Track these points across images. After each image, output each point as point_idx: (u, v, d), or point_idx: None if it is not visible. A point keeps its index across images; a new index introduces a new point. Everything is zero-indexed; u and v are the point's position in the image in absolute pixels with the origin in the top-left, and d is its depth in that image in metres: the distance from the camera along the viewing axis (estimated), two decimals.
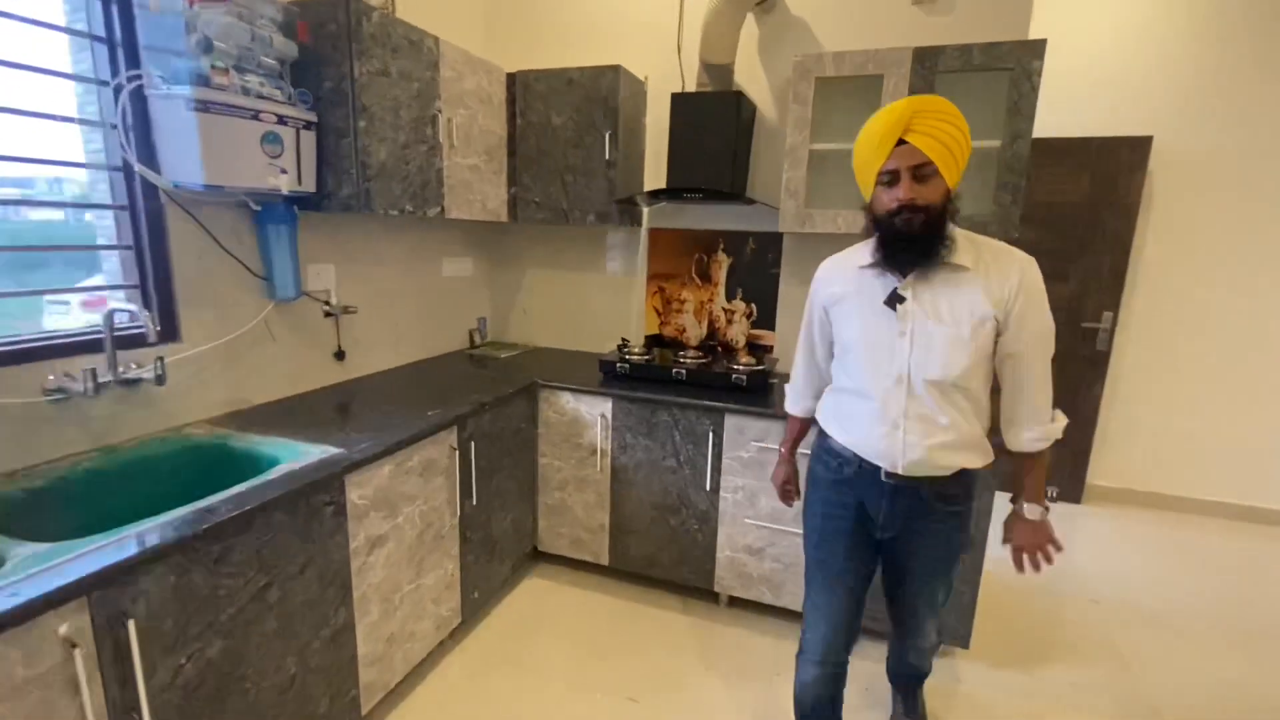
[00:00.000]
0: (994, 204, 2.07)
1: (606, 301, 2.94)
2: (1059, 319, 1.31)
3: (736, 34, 2.33)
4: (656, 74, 2.66)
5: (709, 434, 2.22)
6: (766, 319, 2.68)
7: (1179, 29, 3.07)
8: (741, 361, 2.42)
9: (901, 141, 1.21)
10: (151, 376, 1.57)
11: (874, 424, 1.36)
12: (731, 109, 2.32)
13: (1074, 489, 3.56)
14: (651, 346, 2.67)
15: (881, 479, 1.38)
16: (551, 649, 2.16)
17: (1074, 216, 3.31)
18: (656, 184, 2.73)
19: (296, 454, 1.56)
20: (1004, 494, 1.66)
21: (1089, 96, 3.21)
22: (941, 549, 1.45)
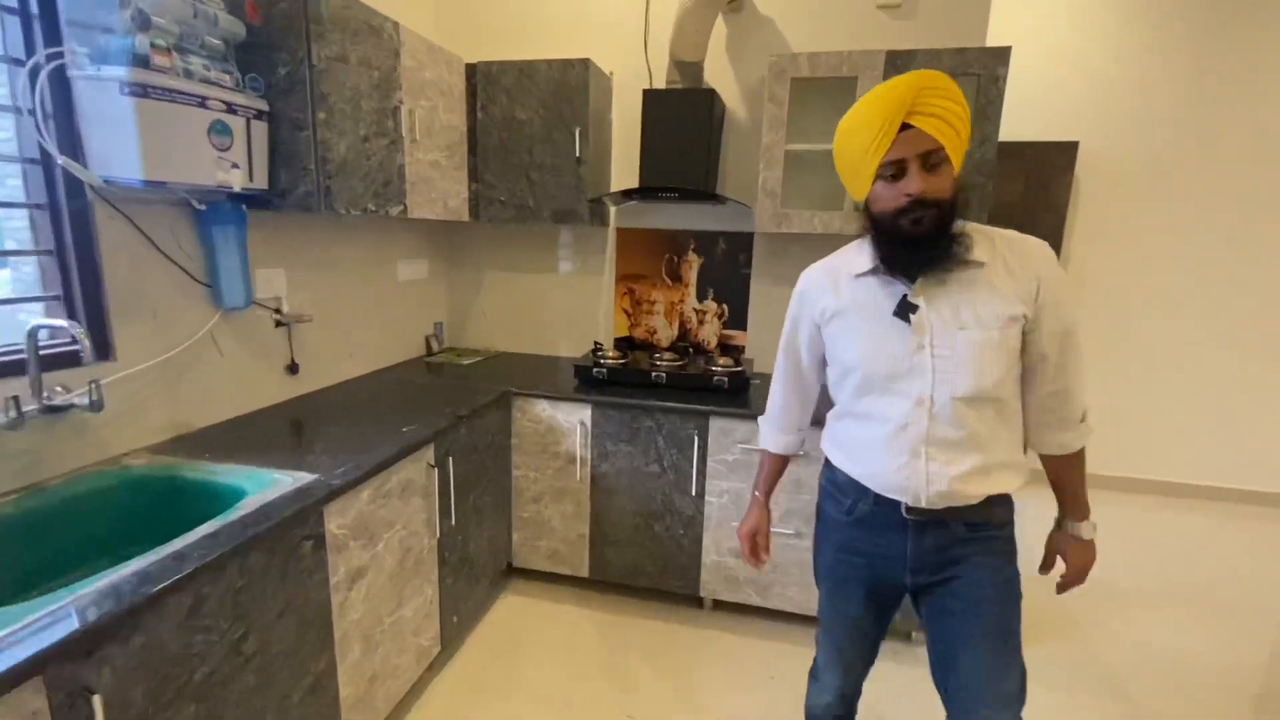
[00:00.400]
0: (961, 205, 2.13)
1: (572, 303, 2.85)
2: None
3: (709, 31, 2.29)
4: (621, 69, 2.59)
5: (693, 438, 2.18)
6: (738, 319, 2.67)
7: (1103, 43, 3.30)
8: (719, 363, 2.39)
9: (906, 126, 1.02)
10: (86, 402, 1.36)
11: (889, 453, 1.14)
12: (706, 107, 2.29)
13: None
14: (626, 350, 2.60)
15: (902, 515, 1.16)
16: (537, 672, 2.06)
17: (1010, 217, 3.50)
18: (624, 182, 2.66)
19: (264, 483, 1.40)
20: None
21: (1023, 104, 3.39)
22: (993, 579, 1.16)
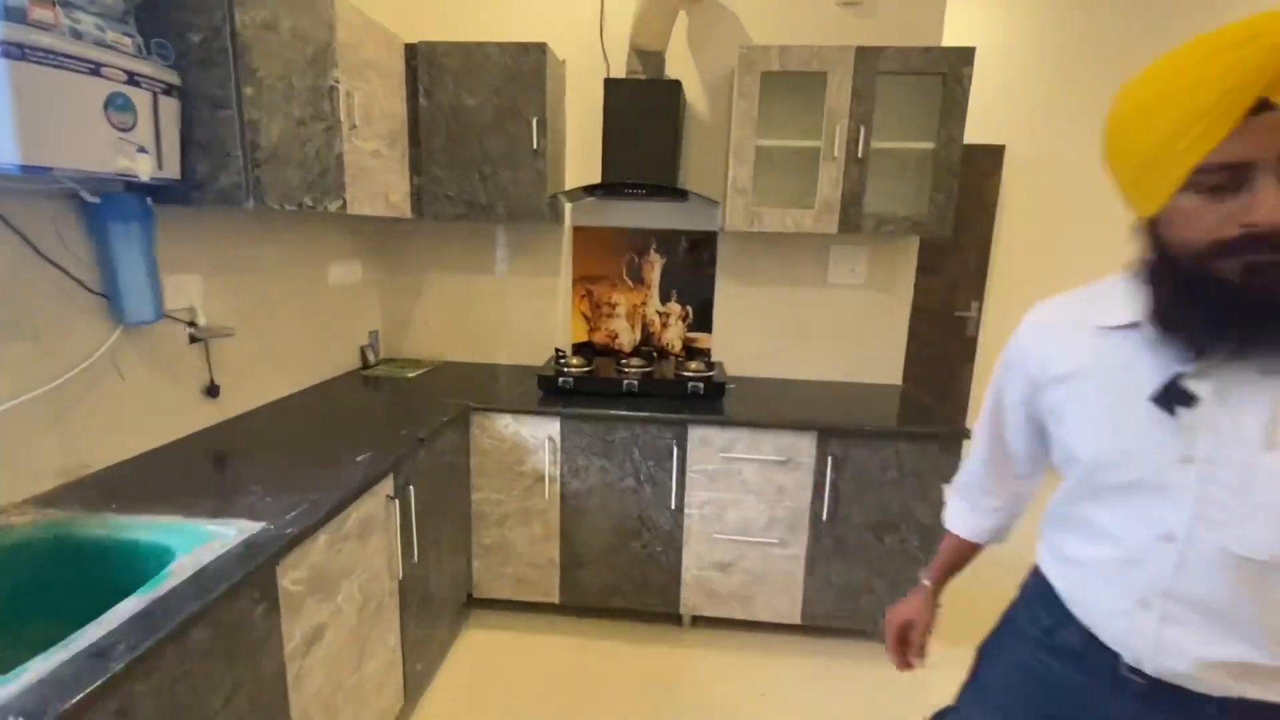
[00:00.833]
0: (930, 205, 2.14)
1: (526, 307, 2.65)
2: (935, 312, 1.04)
3: (673, 19, 2.18)
4: (574, 56, 2.43)
5: (672, 448, 2.06)
6: (703, 321, 2.58)
7: (1025, 52, 3.48)
8: (690, 367, 2.29)
9: (1266, 106, 0.62)
10: None
11: (1111, 591, 0.79)
12: (673, 99, 2.17)
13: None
14: (592, 356, 2.44)
15: (1121, 673, 0.79)
16: (509, 713, 1.87)
17: None
18: (580, 177, 2.50)
19: (199, 538, 1.14)
20: None
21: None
22: None
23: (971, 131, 3.45)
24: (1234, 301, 0.66)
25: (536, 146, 2.18)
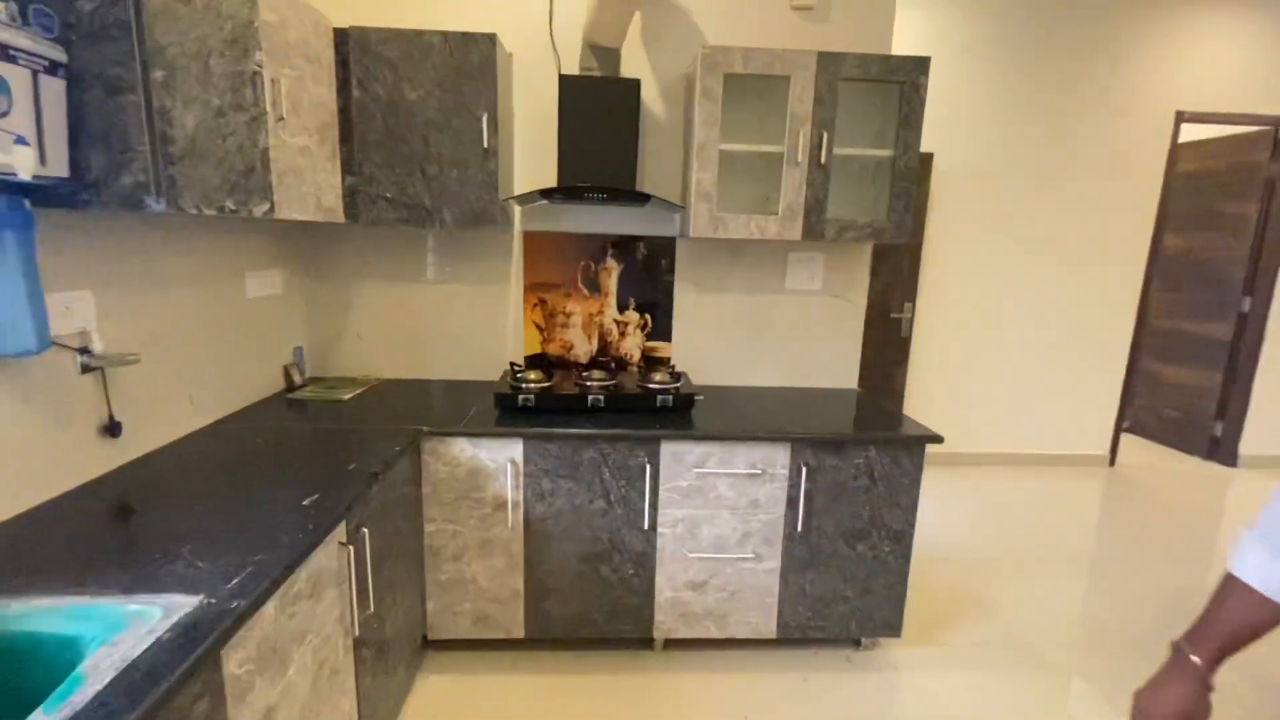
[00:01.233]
0: (890, 211, 2.16)
1: (471, 318, 2.46)
2: (870, 313, 1.02)
3: (631, 14, 2.07)
4: (522, 50, 2.27)
5: (644, 466, 1.96)
6: (662, 330, 2.49)
7: (954, 64, 3.63)
8: (655, 379, 2.19)
9: None
10: None
11: None
12: (633, 98, 2.07)
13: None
14: (548, 370, 2.28)
15: None
16: None
17: None
18: (530, 178, 2.35)
19: (116, 623, 0.92)
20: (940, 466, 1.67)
21: None
22: None
23: None
24: None
25: (488, 145, 2.01)
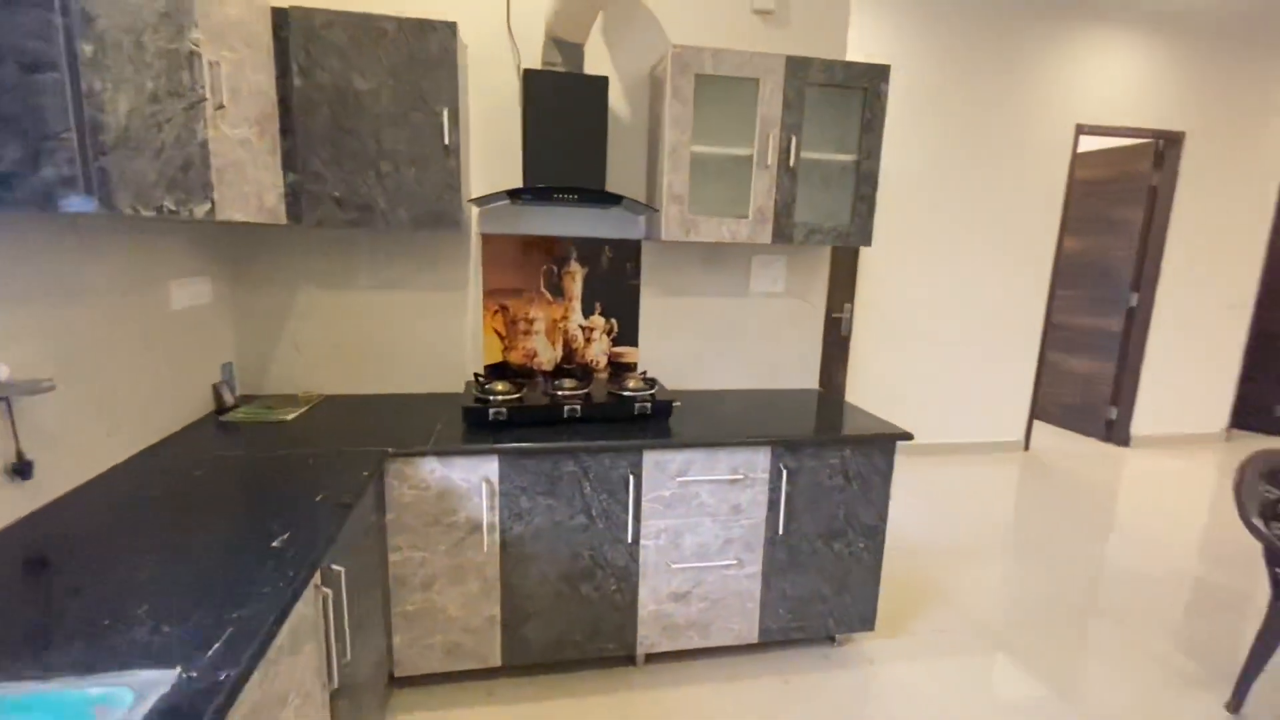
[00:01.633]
0: (853, 215, 2.20)
1: (425, 327, 2.29)
2: None
3: (597, 10, 1.99)
4: (475, 41, 2.14)
5: (627, 477, 1.89)
6: (628, 335, 2.43)
7: (893, 75, 3.79)
8: (630, 385, 2.13)
9: None
10: None
11: None
12: (601, 96, 1.99)
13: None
14: (515, 380, 2.16)
15: None
16: None
17: None
18: (487, 177, 2.22)
19: (77, 715, 0.75)
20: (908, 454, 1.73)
21: None
22: None
23: None
24: None
25: (448, 141, 1.87)
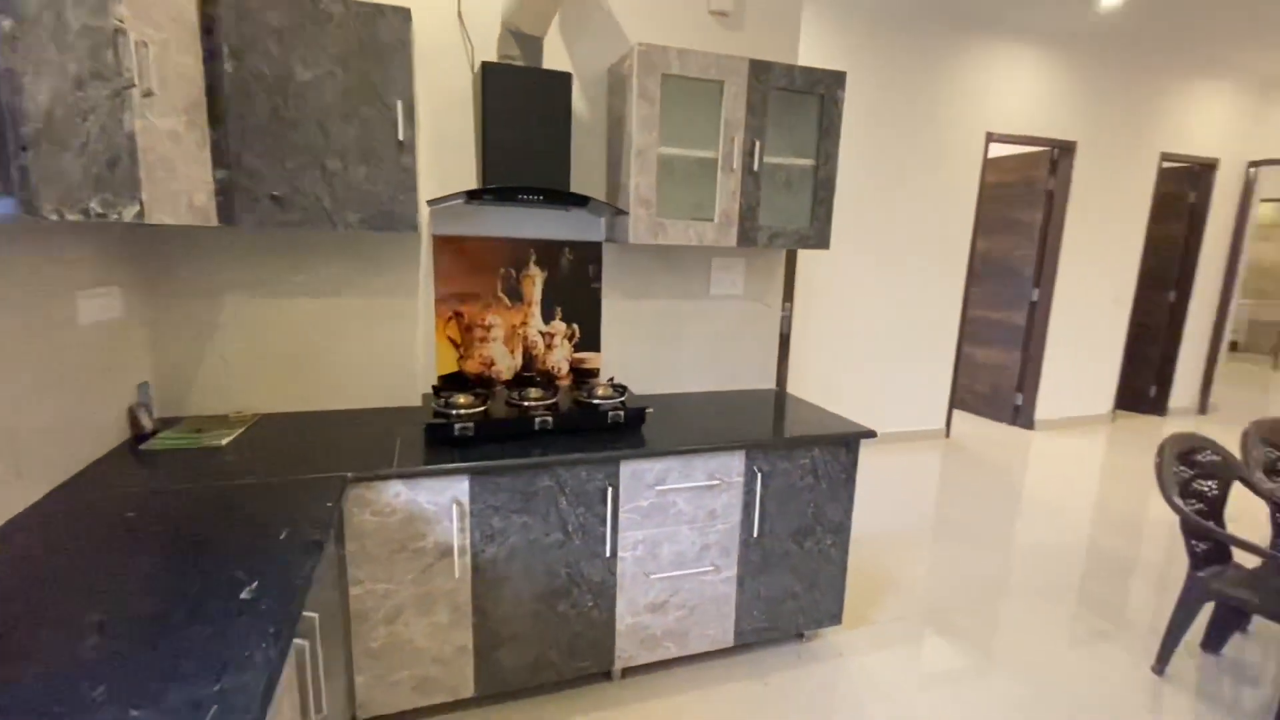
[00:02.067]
0: (812, 219, 2.24)
1: (371, 336, 2.12)
2: None
3: (558, 2, 1.91)
4: (422, 30, 2.00)
5: (605, 490, 1.83)
6: (590, 340, 2.36)
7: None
8: (599, 393, 2.06)
9: None
10: None
11: None
12: (565, 92, 1.91)
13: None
14: (476, 391, 2.04)
15: None
16: None
17: None
18: (440, 175, 2.08)
19: None
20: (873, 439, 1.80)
21: None
22: None
23: None
24: None
25: (403, 137, 1.73)
